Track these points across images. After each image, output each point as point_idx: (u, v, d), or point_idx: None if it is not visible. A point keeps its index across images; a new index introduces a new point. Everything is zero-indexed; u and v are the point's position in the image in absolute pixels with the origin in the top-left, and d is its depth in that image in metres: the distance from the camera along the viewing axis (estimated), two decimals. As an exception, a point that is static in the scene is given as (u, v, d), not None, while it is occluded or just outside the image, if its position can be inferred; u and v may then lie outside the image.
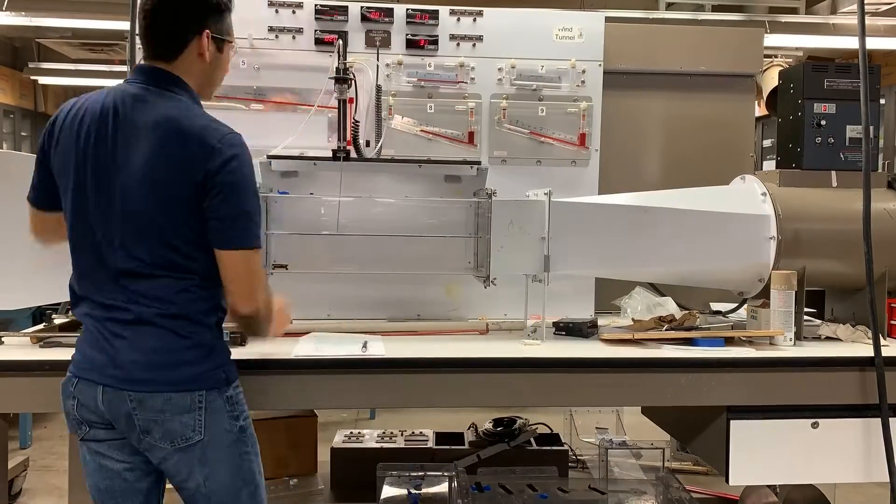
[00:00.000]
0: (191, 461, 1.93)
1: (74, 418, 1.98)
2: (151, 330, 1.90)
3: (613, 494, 3.60)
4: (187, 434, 1.91)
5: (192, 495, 1.97)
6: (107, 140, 1.90)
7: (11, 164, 2.39)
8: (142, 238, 1.89)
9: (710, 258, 2.82)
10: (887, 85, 6.80)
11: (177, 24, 1.97)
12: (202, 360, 1.95)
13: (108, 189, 1.90)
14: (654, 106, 3.41)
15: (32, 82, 9.30)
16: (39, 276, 2.41)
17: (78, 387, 1.95)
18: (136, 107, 1.91)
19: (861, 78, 2.44)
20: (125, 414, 1.90)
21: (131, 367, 1.89)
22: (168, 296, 1.90)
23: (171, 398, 1.90)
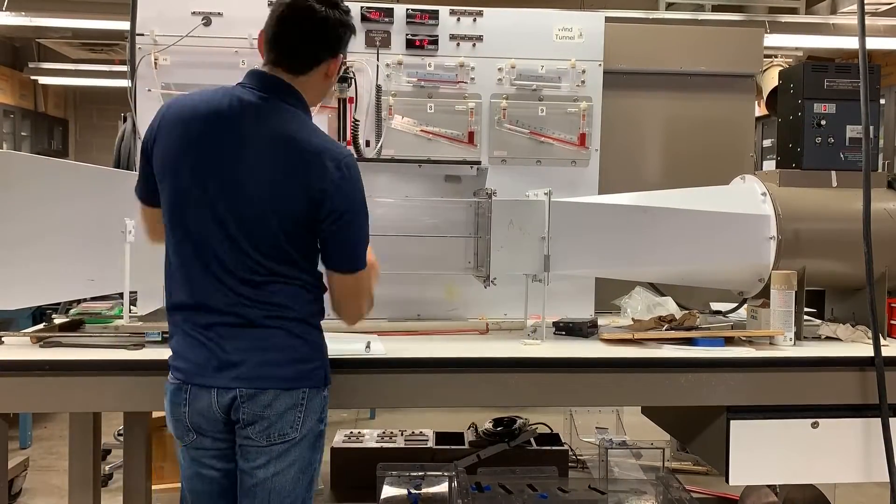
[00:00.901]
0: (272, 452, 1.93)
1: (185, 425, 1.97)
2: (263, 332, 1.92)
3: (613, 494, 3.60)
4: (285, 430, 1.93)
5: (256, 484, 1.95)
6: (219, 145, 1.89)
7: (11, 164, 2.39)
8: (253, 244, 1.88)
9: (710, 258, 2.82)
10: (887, 85, 6.79)
11: (320, 44, 1.96)
12: (309, 358, 1.98)
13: (218, 194, 1.88)
14: (654, 106, 3.41)
15: (32, 82, 9.29)
16: (39, 276, 2.42)
17: (192, 392, 1.94)
18: (255, 115, 1.90)
19: (861, 78, 2.44)
20: (234, 409, 1.91)
21: (243, 366, 1.90)
22: (280, 300, 1.92)
23: (280, 395, 1.92)
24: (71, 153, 10.22)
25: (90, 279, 2.48)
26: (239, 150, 1.88)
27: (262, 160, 1.87)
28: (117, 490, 3.68)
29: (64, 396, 2.29)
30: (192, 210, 1.91)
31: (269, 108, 1.91)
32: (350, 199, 1.91)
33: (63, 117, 10.24)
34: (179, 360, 1.97)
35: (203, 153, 1.89)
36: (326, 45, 1.97)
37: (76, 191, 2.45)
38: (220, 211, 1.88)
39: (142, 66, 2.93)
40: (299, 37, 1.94)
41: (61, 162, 2.60)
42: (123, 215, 2.45)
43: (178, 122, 1.92)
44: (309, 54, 1.96)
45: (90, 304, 2.91)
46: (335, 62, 2.00)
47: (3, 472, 2.45)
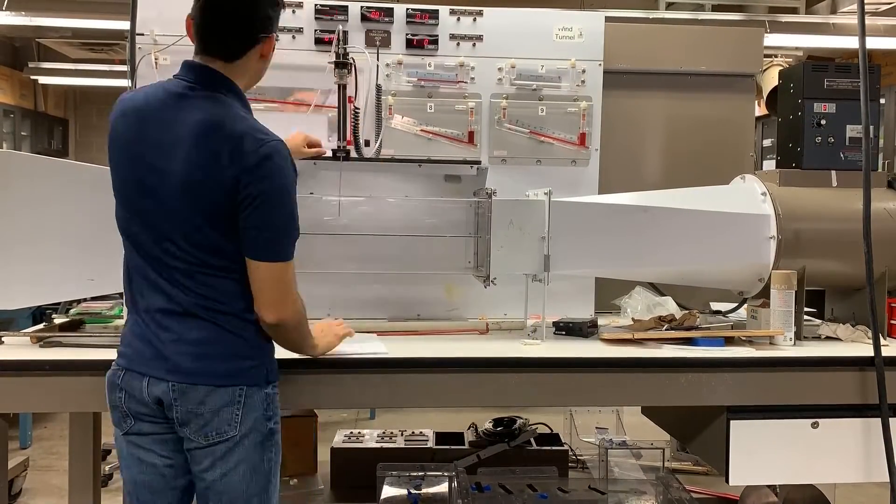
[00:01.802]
0: (215, 454, 1.92)
1: (121, 411, 1.98)
2: (198, 323, 1.91)
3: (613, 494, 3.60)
4: (223, 428, 1.92)
5: (206, 488, 1.96)
6: (147, 138, 1.90)
7: (11, 164, 2.39)
8: (185, 236, 1.89)
9: (710, 258, 2.82)
10: (887, 85, 6.80)
11: (249, 26, 1.94)
12: (246, 355, 1.96)
13: (152, 187, 1.90)
14: (654, 106, 3.41)
15: (32, 82, 9.30)
16: (39, 276, 2.42)
17: (125, 378, 1.96)
18: (179, 105, 1.90)
19: (861, 78, 2.44)
20: (167, 405, 1.91)
21: (177, 358, 1.90)
22: (214, 293, 1.91)
23: (214, 391, 1.90)
24: (71, 153, 10.22)
25: (90, 279, 2.48)
26: (166, 142, 1.88)
27: (186, 149, 1.86)
28: (117, 490, 3.69)
29: (64, 396, 2.29)
30: (133, 203, 1.95)
31: (197, 97, 1.91)
32: (267, 184, 1.85)
33: (63, 117, 10.25)
34: (124, 347, 2.00)
35: (136, 148, 1.92)
36: (256, 26, 1.94)
37: (76, 191, 2.45)
38: (154, 203, 1.90)
39: (142, 66, 2.92)
40: (227, 22, 1.92)
41: (61, 162, 2.60)
42: (123, 215, 2.45)
43: (120, 120, 1.96)
44: (240, 38, 1.94)
45: (90, 304, 2.91)
46: (268, 42, 1.99)
47: (3, 472, 2.45)
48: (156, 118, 1.91)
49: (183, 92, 1.92)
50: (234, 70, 1.96)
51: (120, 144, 1.96)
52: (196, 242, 1.89)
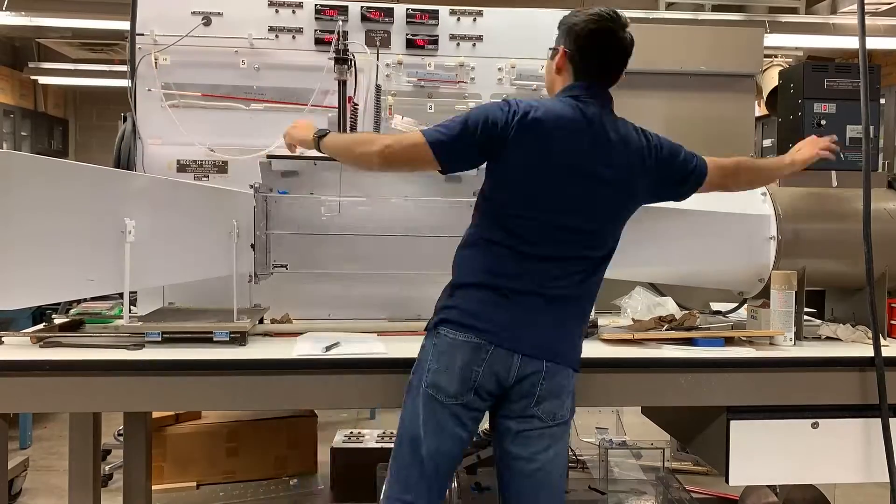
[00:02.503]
0: (555, 435, 2.08)
1: (471, 383, 2.03)
2: (566, 309, 2.09)
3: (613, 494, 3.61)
4: (563, 412, 2.09)
5: (535, 470, 2.07)
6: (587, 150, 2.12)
7: (11, 163, 2.39)
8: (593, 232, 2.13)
9: (710, 258, 2.82)
10: (887, 85, 6.79)
11: (623, 62, 2.20)
12: (581, 343, 2.16)
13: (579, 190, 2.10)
14: (654, 106, 3.41)
15: (32, 82, 9.28)
16: (39, 276, 2.42)
17: (493, 354, 2.03)
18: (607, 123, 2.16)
19: (861, 78, 2.44)
20: (531, 382, 2.04)
21: (552, 339, 2.06)
22: (583, 280, 2.12)
23: (570, 376, 2.10)
24: (71, 153, 10.21)
25: (90, 279, 2.48)
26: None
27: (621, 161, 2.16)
28: (117, 490, 3.68)
29: (64, 396, 2.29)
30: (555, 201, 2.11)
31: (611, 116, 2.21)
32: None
33: (63, 117, 10.24)
34: (482, 322, 2.07)
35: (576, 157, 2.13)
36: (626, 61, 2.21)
37: (76, 191, 2.45)
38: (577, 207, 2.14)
39: (142, 66, 2.93)
40: (624, 59, 2.19)
41: (61, 162, 2.60)
42: (123, 215, 2.45)
43: (548, 126, 2.09)
44: (620, 72, 2.23)
45: (90, 304, 2.91)
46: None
47: (3, 472, 2.45)
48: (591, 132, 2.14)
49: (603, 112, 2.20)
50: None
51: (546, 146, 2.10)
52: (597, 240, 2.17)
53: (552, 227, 2.08)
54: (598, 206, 2.12)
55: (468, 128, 2.06)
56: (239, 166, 2.92)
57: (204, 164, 2.99)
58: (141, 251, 2.48)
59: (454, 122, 2.10)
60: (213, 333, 2.46)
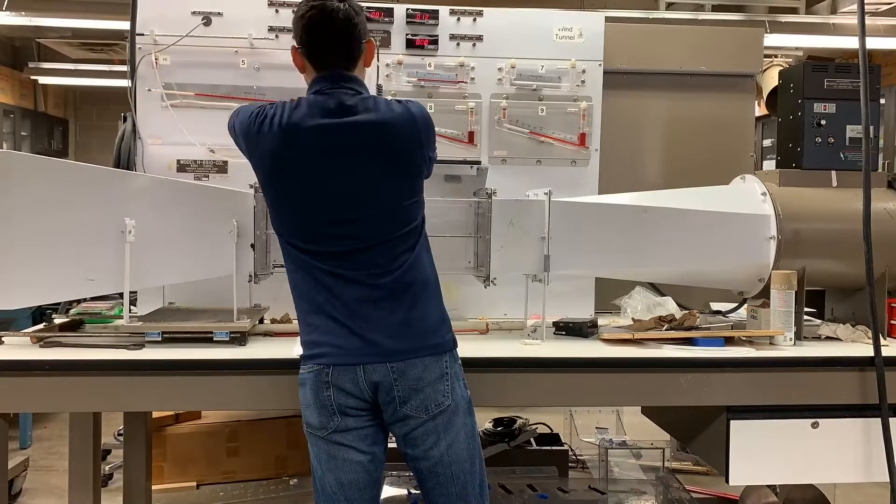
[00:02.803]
0: (437, 428, 2.00)
1: (329, 409, 1.99)
2: (406, 300, 2.01)
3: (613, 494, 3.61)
4: (439, 399, 2.00)
5: (434, 465, 2.03)
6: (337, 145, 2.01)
7: (11, 163, 2.39)
8: (382, 215, 2.02)
9: (710, 258, 2.82)
10: (887, 85, 6.79)
11: (359, 37, 2.07)
12: (441, 323, 2.06)
13: (353, 180, 2.00)
14: (654, 106, 3.41)
15: (32, 82, 9.28)
16: (39, 276, 2.42)
17: (333, 374, 1.98)
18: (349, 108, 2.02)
19: (861, 78, 2.44)
20: (386, 388, 1.97)
21: (390, 340, 1.98)
22: (413, 265, 2.04)
23: (428, 364, 1.99)
24: (71, 153, 10.21)
25: (90, 279, 2.48)
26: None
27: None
28: (117, 490, 3.68)
29: (64, 396, 2.29)
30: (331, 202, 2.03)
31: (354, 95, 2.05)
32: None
33: (63, 117, 10.24)
34: (315, 347, 2.03)
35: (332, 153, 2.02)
36: (362, 36, 2.08)
37: (76, 190, 2.45)
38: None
39: (142, 66, 2.93)
40: (346, 36, 2.05)
41: (61, 162, 2.60)
42: (123, 215, 2.45)
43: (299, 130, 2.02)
44: (355, 48, 2.07)
45: (90, 304, 2.91)
46: (370, 49, 2.12)
47: (3, 472, 2.45)
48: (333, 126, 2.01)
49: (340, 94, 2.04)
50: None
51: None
52: (384, 223, 2.02)
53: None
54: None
55: None
56: (239, 166, 2.92)
57: (204, 164, 2.99)
58: (141, 251, 2.48)
59: None
60: (213, 333, 2.46)
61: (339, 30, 2.03)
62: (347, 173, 1.99)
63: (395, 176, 2.04)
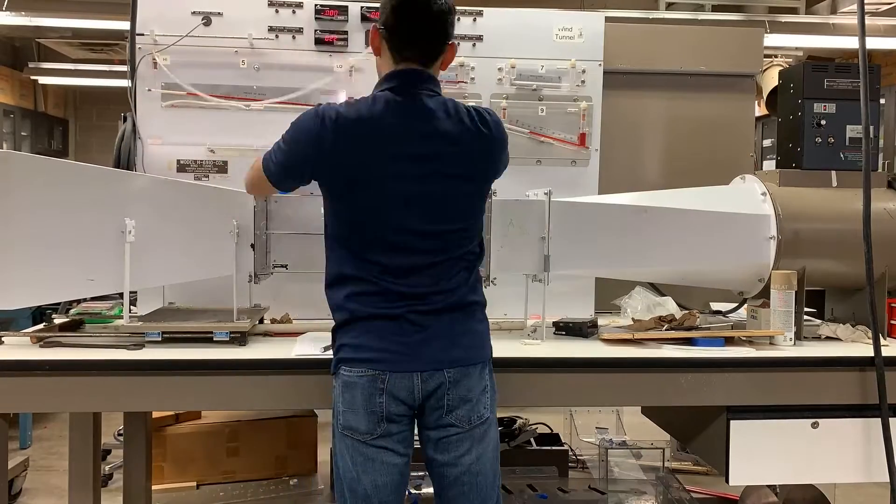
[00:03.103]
0: (474, 437, 2.01)
1: (378, 416, 1.97)
2: (459, 314, 2.02)
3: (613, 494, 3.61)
4: (481, 411, 2.01)
5: (462, 473, 2.01)
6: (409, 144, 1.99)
7: (11, 163, 2.39)
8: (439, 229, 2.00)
9: (710, 258, 2.82)
10: (887, 85, 6.79)
11: (448, 34, 2.02)
12: (488, 339, 2.10)
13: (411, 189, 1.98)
14: (654, 106, 3.41)
15: (32, 82, 9.28)
16: (39, 276, 2.42)
17: (391, 380, 1.96)
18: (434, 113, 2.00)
19: (861, 78, 2.44)
20: (438, 396, 1.97)
21: (451, 348, 1.99)
22: (464, 280, 2.04)
23: (481, 376, 2.02)
24: (71, 153, 10.21)
25: (90, 279, 2.48)
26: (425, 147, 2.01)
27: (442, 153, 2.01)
28: (117, 490, 3.68)
29: (64, 396, 2.29)
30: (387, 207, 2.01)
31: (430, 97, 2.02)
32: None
33: (63, 117, 10.24)
34: (366, 352, 2.01)
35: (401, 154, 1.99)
36: (449, 33, 2.03)
37: (76, 190, 2.45)
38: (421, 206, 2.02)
39: (142, 66, 2.93)
40: (437, 29, 2.00)
41: (61, 162, 2.60)
42: (123, 215, 2.45)
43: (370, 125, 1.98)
44: (441, 43, 2.03)
45: (90, 304, 2.91)
46: (452, 48, 2.07)
47: (3, 472, 2.45)
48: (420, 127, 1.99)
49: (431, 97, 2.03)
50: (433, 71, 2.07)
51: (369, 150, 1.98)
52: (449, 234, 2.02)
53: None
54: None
55: None
56: (239, 166, 2.92)
57: (204, 164, 2.99)
58: (141, 251, 2.48)
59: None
60: (213, 333, 2.46)
61: (433, 20, 1.98)
62: (429, 182, 1.98)
63: (469, 190, 2.05)
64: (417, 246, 1.98)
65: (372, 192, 1.98)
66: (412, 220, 1.98)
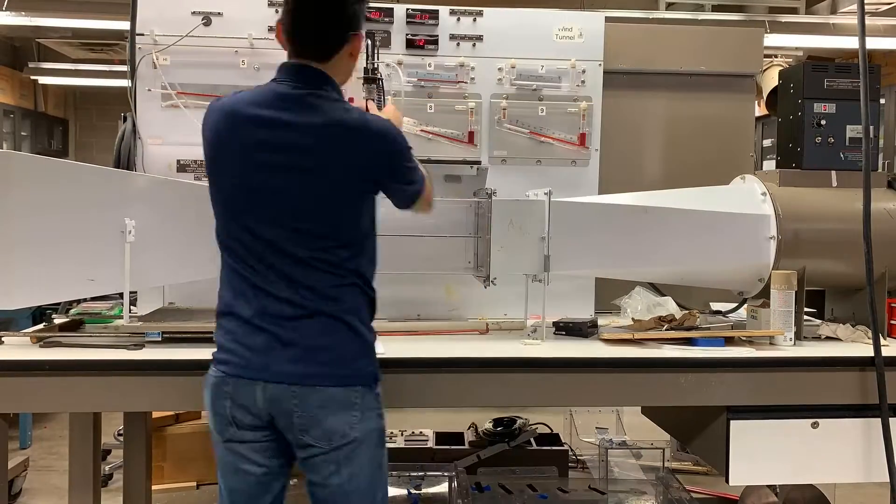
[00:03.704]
0: (339, 458, 1.90)
1: (225, 419, 1.93)
2: (319, 324, 1.89)
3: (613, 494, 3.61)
4: (345, 431, 1.89)
5: (331, 493, 1.93)
6: (270, 142, 1.89)
7: (11, 163, 2.39)
8: (309, 235, 1.89)
9: (710, 258, 2.82)
10: (887, 85, 6.79)
11: (337, 26, 1.94)
12: (362, 355, 1.96)
13: (277, 190, 1.89)
14: (654, 106, 3.41)
15: (32, 82, 9.28)
16: (39, 276, 2.42)
17: (235, 385, 1.90)
18: (289, 107, 1.91)
19: (861, 78, 2.44)
20: (285, 411, 1.87)
21: (296, 361, 1.87)
22: (335, 292, 1.91)
23: (335, 395, 1.88)
24: (71, 153, 10.21)
25: (90, 279, 2.48)
26: (286, 144, 1.89)
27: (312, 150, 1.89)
28: (117, 490, 3.68)
29: (64, 396, 2.29)
30: (247, 207, 1.92)
31: (312, 98, 1.92)
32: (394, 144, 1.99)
33: (63, 117, 10.24)
34: (223, 353, 1.97)
35: (256, 153, 1.90)
36: (345, 24, 1.95)
37: (76, 190, 2.45)
38: (278, 206, 1.91)
39: (142, 66, 2.93)
40: (317, 23, 1.93)
41: (61, 162, 2.60)
42: (123, 215, 2.45)
43: (225, 125, 1.94)
44: (331, 38, 1.95)
45: (90, 304, 2.91)
46: (358, 40, 1.99)
47: (3, 472, 2.45)
48: (270, 121, 1.90)
49: (291, 93, 1.93)
50: (328, 69, 1.97)
51: (223, 149, 1.94)
52: (317, 242, 1.90)
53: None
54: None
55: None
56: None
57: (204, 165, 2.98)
58: (141, 251, 2.48)
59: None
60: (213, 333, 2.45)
61: (321, 11, 1.92)
62: (280, 175, 1.88)
63: (333, 188, 1.90)
64: (274, 244, 1.88)
65: (225, 181, 1.94)
66: (263, 215, 1.89)
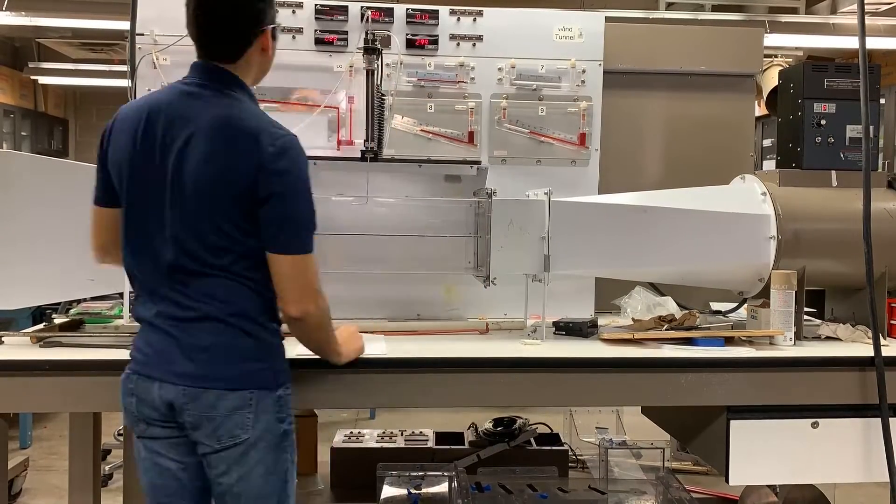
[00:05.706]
0: (230, 458, 1.92)
1: (133, 415, 1.98)
2: (209, 326, 1.90)
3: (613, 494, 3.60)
4: (235, 432, 1.90)
5: (224, 492, 1.95)
6: (159, 140, 1.88)
7: (11, 164, 2.39)
8: (197, 238, 1.87)
9: (710, 258, 2.82)
10: (887, 85, 6.79)
11: (242, 23, 1.93)
12: (256, 358, 1.95)
13: (164, 189, 1.88)
14: (654, 106, 3.41)
15: (32, 82, 9.29)
16: (39, 276, 2.42)
17: (137, 383, 1.95)
18: (192, 106, 1.89)
19: (861, 78, 2.44)
20: (179, 409, 1.90)
21: (186, 362, 1.89)
22: (225, 295, 1.90)
23: (224, 395, 1.89)
24: (71, 153, 10.22)
25: (90, 279, 2.49)
26: (180, 142, 1.87)
27: (202, 149, 1.85)
28: (117, 490, 3.68)
29: (64, 396, 2.29)
30: (143, 207, 1.92)
31: (210, 96, 1.91)
32: (286, 178, 1.87)
33: (63, 117, 10.25)
34: (135, 351, 2.00)
35: (149, 151, 1.89)
36: (250, 22, 1.94)
37: (76, 191, 2.44)
38: (166, 206, 1.88)
39: (142, 66, 2.93)
40: (219, 25, 1.92)
41: (61, 162, 2.61)
42: (123, 215, 2.45)
43: (126, 124, 1.93)
44: (236, 36, 1.93)
45: (90, 304, 2.91)
46: (265, 36, 1.97)
47: (3, 472, 2.45)
48: (167, 118, 1.89)
49: (193, 91, 1.92)
50: (238, 68, 1.96)
51: (123, 149, 1.93)
52: (209, 244, 1.87)
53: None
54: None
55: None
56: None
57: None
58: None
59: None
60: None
61: (219, 13, 1.90)
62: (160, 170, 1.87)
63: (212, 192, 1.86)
64: (173, 246, 1.88)
65: (123, 185, 1.93)
66: (157, 219, 1.89)
